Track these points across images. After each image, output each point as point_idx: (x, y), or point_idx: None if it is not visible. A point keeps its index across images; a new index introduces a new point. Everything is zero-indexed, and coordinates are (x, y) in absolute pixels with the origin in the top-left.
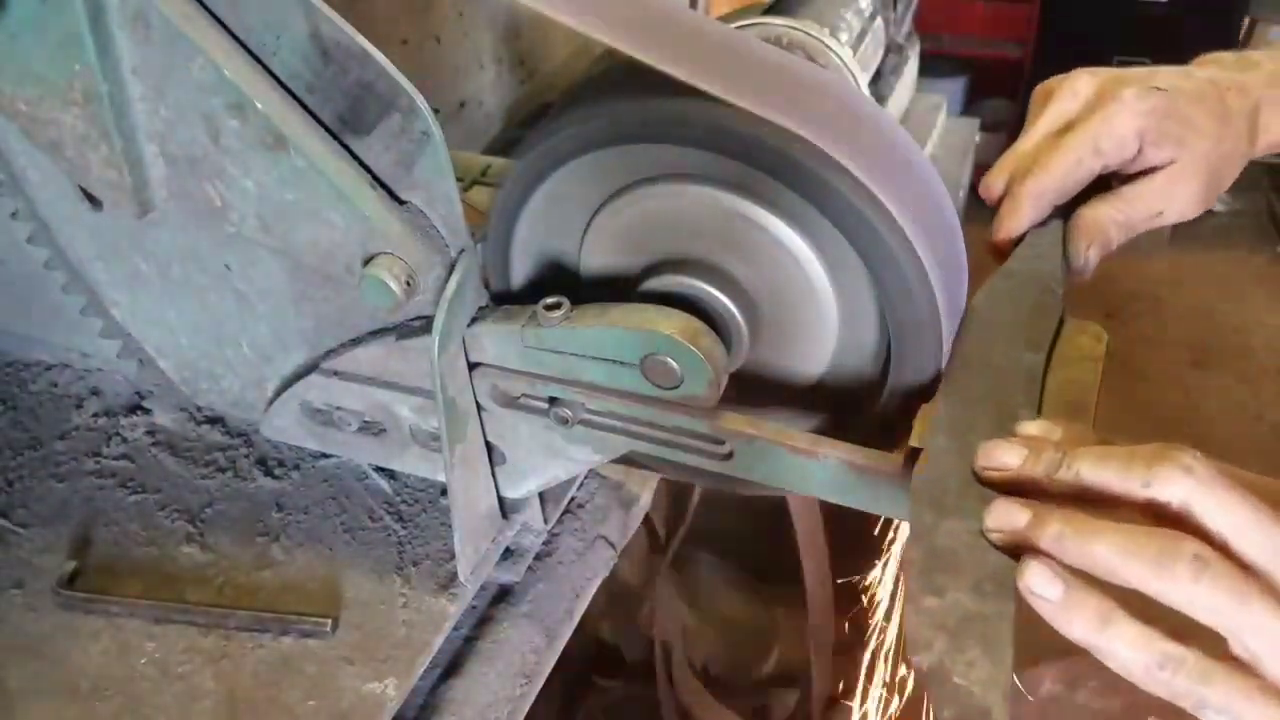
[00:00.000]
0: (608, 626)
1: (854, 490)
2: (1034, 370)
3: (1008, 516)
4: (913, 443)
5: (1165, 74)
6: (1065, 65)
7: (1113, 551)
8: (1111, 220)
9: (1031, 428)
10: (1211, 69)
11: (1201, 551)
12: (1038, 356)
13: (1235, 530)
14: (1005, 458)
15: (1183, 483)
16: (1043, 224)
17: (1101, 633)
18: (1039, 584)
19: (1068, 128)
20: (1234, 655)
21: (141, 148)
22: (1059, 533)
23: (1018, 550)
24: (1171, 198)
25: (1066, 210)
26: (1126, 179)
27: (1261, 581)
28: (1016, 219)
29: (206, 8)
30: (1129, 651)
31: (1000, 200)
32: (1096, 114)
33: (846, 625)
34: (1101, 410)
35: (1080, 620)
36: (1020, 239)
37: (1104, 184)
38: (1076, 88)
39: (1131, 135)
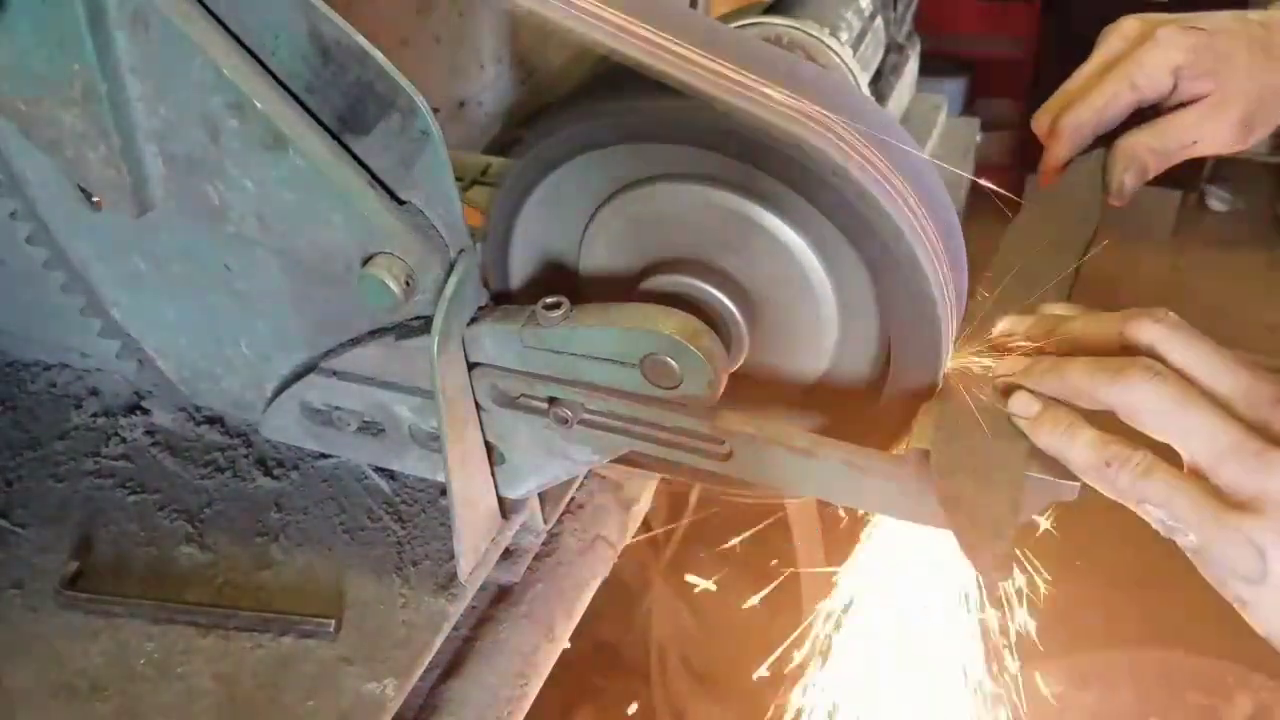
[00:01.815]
0: (607, 626)
1: (854, 490)
2: (1066, 270)
3: (1010, 365)
4: (913, 443)
5: (1214, 16)
6: (1066, 65)
7: (1082, 373)
8: (1147, 148)
9: (1056, 308)
10: (1272, 10)
11: (1155, 365)
12: (1072, 261)
13: (1194, 362)
14: (1014, 324)
15: (1152, 328)
16: (1085, 153)
17: (1064, 436)
18: (1019, 405)
19: (1112, 66)
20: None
21: (140, 147)
22: (1043, 368)
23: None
24: (1206, 129)
25: (1108, 140)
26: (1167, 113)
27: (1209, 397)
28: (1058, 149)
29: (206, 7)
30: (1084, 450)
31: (1047, 134)
32: (1134, 51)
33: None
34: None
35: (1048, 429)
36: (1065, 169)
37: (1146, 118)
38: (1124, 29)
39: (1165, 70)
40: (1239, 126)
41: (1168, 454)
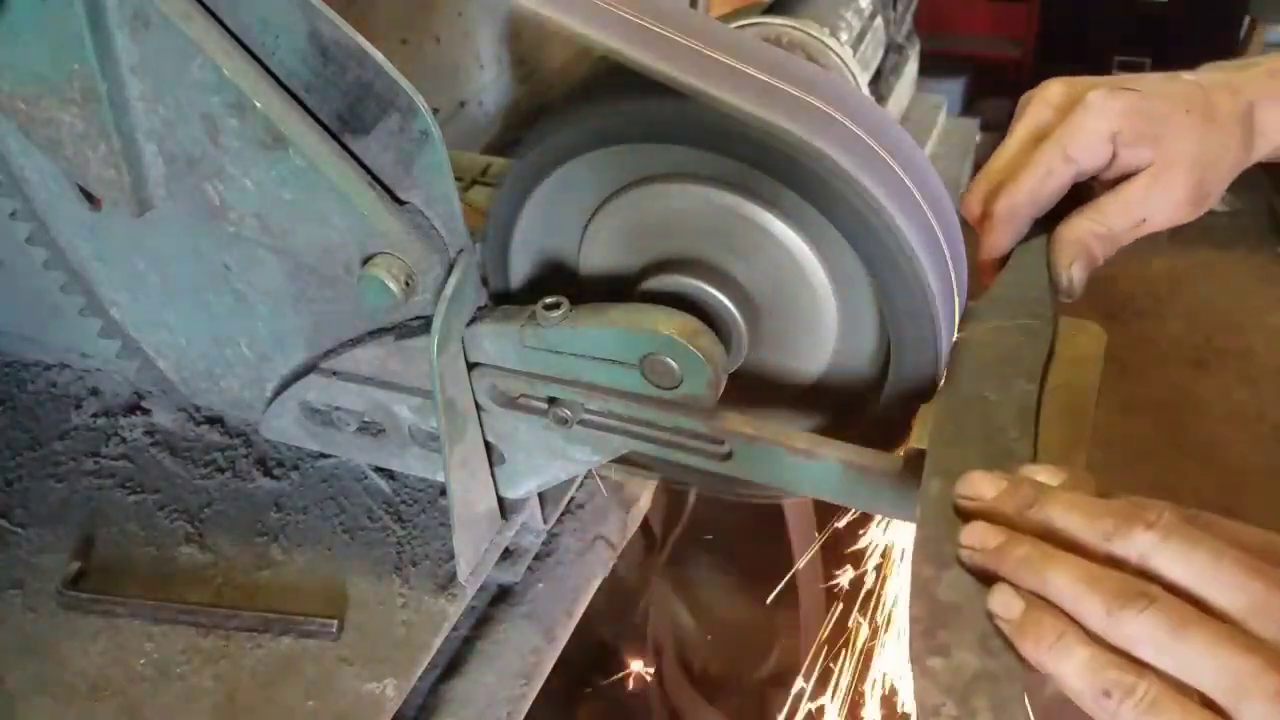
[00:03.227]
0: (607, 627)
1: (854, 490)
2: (1027, 402)
3: (981, 536)
4: (913, 443)
5: (1145, 78)
6: (1065, 65)
7: (1070, 581)
8: (1092, 234)
9: (1034, 472)
10: (1203, 72)
11: (1148, 590)
12: (1030, 387)
13: (1193, 577)
14: (982, 487)
15: (1142, 538)
16: (1028, 239)
17: (1052, 652)
18: (999, 603)
19: (1041, 138)
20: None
21: (140, 147)
22: (1025, 557)
23: (988, 577)
24: (1154, 203)
25: (1050, 223)
26: (1109, 187)
27: (1214, 621)
28: (994, 240)
29: (206, 7)
30: (1078, 673)
31: (980, 220)
32: (1065, 120)
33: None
34: (1101, 411)
35: (1033, 639)
36: (1007, 258)
37: (1087, 193)
38: (1048, 96)
39: (1101, 138)
40: (1189, 197)
41: None
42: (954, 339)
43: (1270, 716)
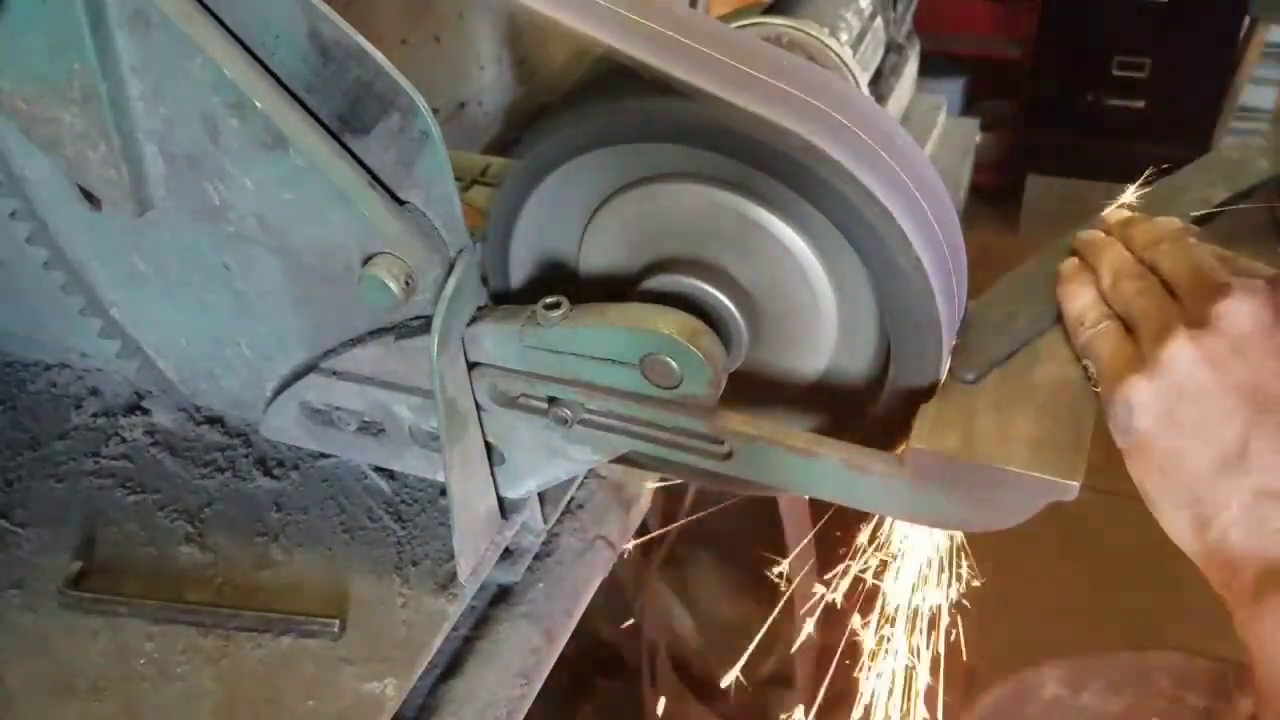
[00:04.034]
0: (607, 627)
1: (854, 490)
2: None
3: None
4: (913, 443)
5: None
6: (1065, 65)
7: (1107, 260)
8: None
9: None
10: None
11: (1146, 275)
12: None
13: (1153, 246)
14: (1116, 216)
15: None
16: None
17: (1070, 289)
18: (1065, 265)
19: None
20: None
21: (140, 146)
22: (1098, 243)
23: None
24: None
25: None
26: None
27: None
28: None
29: (206, 7)
30: (1074, 304)
31: None
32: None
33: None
34: (1101, 410)
35: (1064, 282)
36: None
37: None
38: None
39: None
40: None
41: None
42: (954, 340)
43: (1148, 339)
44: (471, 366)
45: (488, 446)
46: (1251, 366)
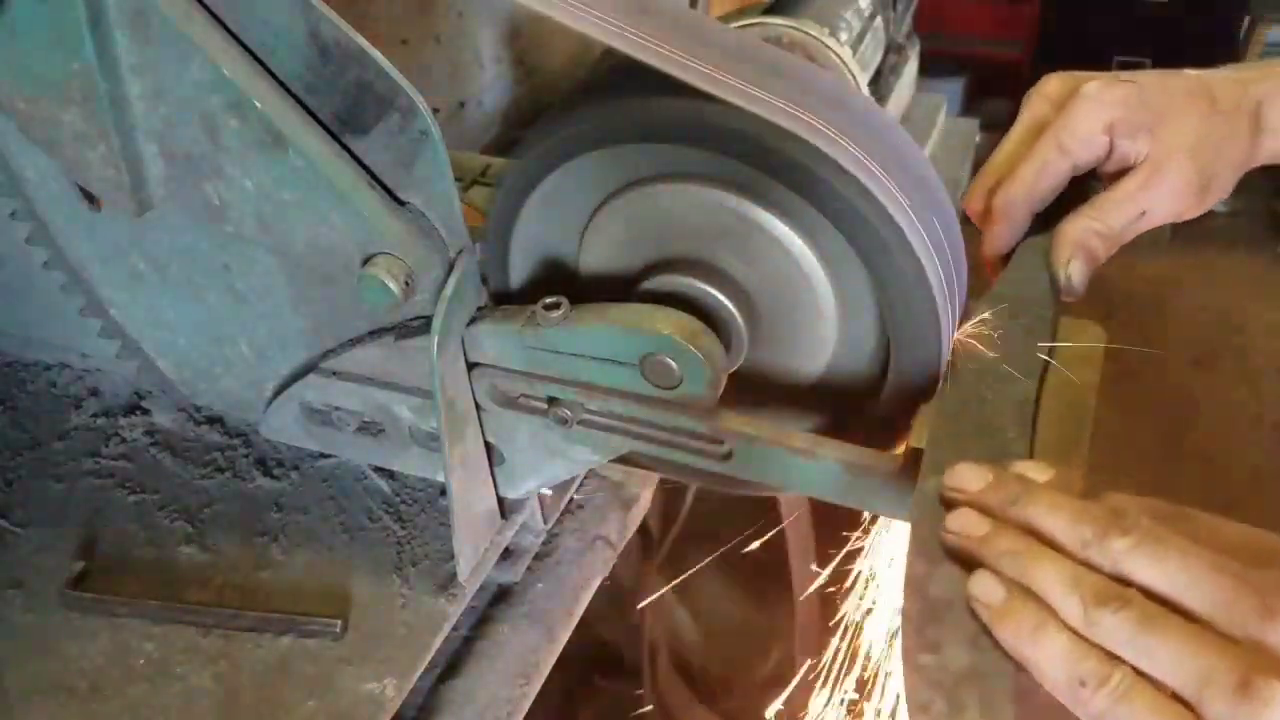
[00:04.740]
0: (607, 626)
1: (853, 490)
2: (1026, 401)
3: (967, 523)
4: (913, 443)
5: (1146, 73)
6: (1066, 65)
7: (1051, 578)
8: (1092, 232)
9: (1022, 468)
10: (1206, 70)
11: (1124, 594)
12: (1029, 385)
13: (1162, 579)
14: (968, 479)
15: (1117, 546)
16: (1032, 238)
17: (1031, 640)
18: (980, 588)
19: (1039, 132)
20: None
21: (140, 146)
22: (1008, 549)
23: (971, 564)
24: (1153, 195)
25: (1050, 220)
26: (1112, 182)
27: (1182, 618)
28: (994, 236)
29: (206, 7)
30: (1054, 662)
31: (981, 217)
32: (1061, 113)
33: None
34: (1101, 410)
35: (1013, 626)
36: (1009, 256)
37: (1093, 192)
38: (1046, 90)
39: (1097, 129)
40: (1191, 190)
41: None
42: (954, 339)
43: (1232, 709)
44: (471, 367)
45: (488, 447)
46: None
